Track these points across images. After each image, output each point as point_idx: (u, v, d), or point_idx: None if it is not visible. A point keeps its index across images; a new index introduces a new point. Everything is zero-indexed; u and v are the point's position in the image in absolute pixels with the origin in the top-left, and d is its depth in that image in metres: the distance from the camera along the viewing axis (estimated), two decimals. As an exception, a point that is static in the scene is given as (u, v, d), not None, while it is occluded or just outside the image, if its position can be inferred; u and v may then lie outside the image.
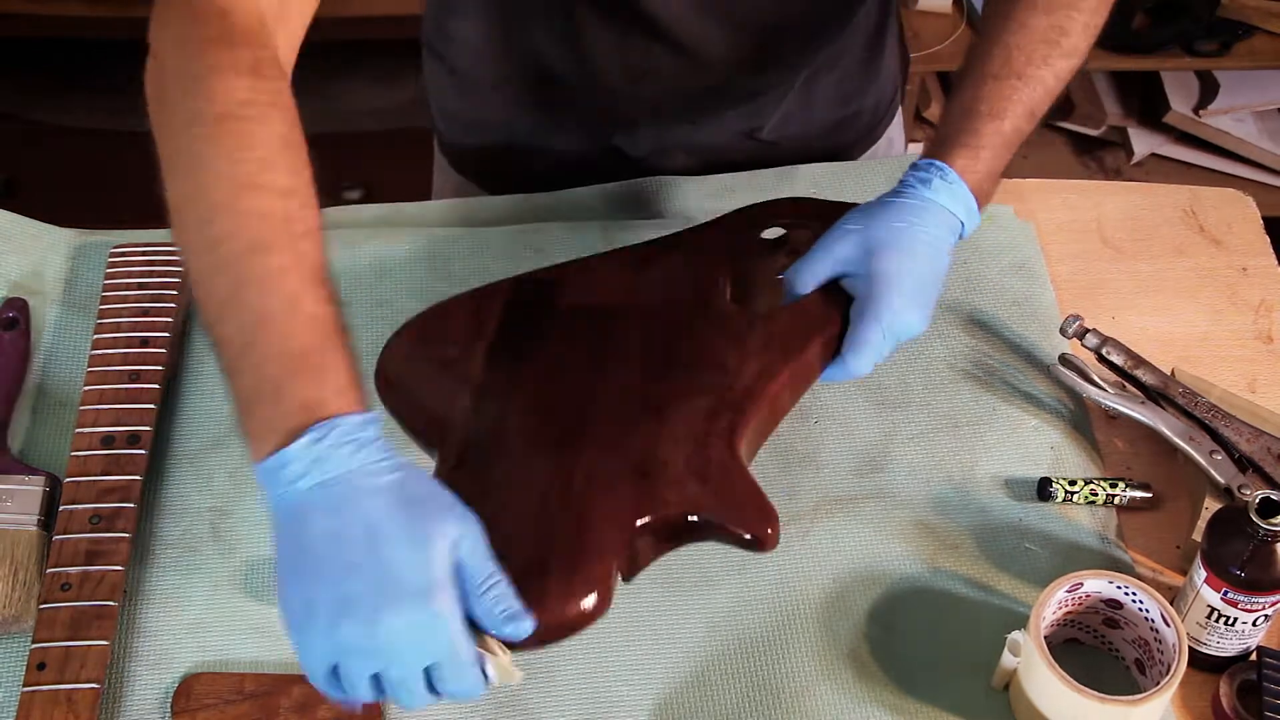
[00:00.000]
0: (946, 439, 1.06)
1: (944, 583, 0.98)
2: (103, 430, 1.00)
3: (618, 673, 0.93)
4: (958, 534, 1.01)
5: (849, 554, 1.00)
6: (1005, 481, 1.04)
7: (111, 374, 1.03)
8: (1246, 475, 1.00)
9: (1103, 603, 0.92)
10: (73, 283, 1.12)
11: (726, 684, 0.93)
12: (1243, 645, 0.93)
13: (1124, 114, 2.35)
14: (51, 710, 0.86)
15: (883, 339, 0.94)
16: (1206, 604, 0.91)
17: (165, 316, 1.06)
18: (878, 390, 1.08)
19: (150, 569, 0.97)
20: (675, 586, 0.97)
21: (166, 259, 1.10)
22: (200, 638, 0.94)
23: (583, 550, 0.81)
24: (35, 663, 0.88)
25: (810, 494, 1.02)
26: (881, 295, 0.93)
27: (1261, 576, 0.88)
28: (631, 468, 0.85)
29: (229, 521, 1.00)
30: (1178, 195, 1.25)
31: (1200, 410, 1.03)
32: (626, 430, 0.88)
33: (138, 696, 0.91)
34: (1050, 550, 1.00)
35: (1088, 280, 1.17)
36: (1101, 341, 1.06)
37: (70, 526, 0.95)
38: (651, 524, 0.83)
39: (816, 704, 0.92)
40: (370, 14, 2.02)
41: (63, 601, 0.91)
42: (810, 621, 0.96)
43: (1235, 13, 2.13)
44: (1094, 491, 1.02)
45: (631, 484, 0.84)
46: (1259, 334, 1.14)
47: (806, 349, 0.94)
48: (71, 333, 1.09)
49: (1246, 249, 1.20)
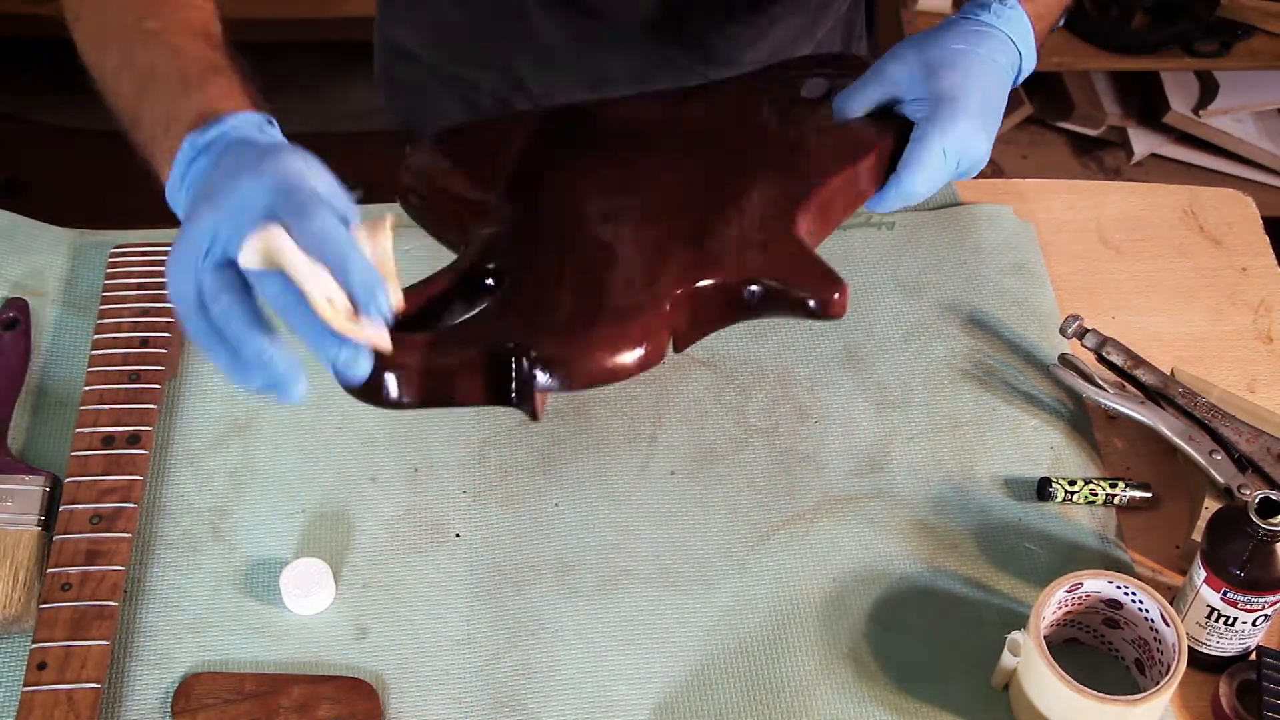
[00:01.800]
0: (946, 439, 1.06)
1: (944, 582, 0.98)
2: (103, 430, 1.00)
3: (617, 672, 0.93)
4: (957, 534, 1.01)
5: (849, 554, 1.00)
6: (1005, 481, 1.04)
7: (112, 374, 1.03)
8: (1246, 475, 1.00)
9: (1102, 603, 0.92)
10: (73, 283, 1.12)
11: (726, 683, 0.93)
12: (1242, 645, 0.93)
13: (1124, 114, 2.35)
14: (52, 710, 0.86)
15: (944, 159, 0.90)
16: (1206, 604, 0.91)
17: (165, 316, 1.06)
18: (877, 390, 1.08)
19: (150, 569, 0.97)
20: (675, 586, 0.97)
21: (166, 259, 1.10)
22: (200, 637, 0.94)
23: (636, 303, 0.77)
24: (36, 662, 0.88)
25: (810, 494, 1.03)
26: (945, 114, 0.89)
27: (1261, 576, 0.88)
28: (687, 235, 0.82)
29: (229, 521, 1.00)
30: (1177, 195, 1.25)
31: (1200, 410, 1.03)
32: (678, 207, 0.84)
33: (138, 696, 0.91)
34: (1050, 550, 1.00)
35: (1087, 280, 1.18)
36: (1101, 341, 1.06)
37: (71, 526, 0.95)
38: (709, 289, 0.80)
39: (816, 703, 0.92)
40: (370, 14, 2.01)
41: (63, 601, 0.91)
42: (810, 621, 0.96)
43: (1235, 13, 2.13)
44: (1094, 491, 1.02)
45: (687, 250, 0.81)
46: (1258, 334, 1.14)
47: (860, 161, 0.90)
48: (72, 333, 1.09)
49: (1246, 249, 1.20)
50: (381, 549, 0.99)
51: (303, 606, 0.95)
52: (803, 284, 0.80)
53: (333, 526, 1.00)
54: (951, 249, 1.17)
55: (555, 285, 0.78)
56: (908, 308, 1.13)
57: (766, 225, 0.84)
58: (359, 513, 1.01)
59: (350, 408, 1.06)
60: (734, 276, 0.80)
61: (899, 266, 1.15)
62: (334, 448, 1.04)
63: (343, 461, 1.03)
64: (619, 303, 0.77)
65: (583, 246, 0.82)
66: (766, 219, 0.84)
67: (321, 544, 0.99)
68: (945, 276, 1.15)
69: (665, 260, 0.80)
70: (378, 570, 0.98)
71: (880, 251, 1.16)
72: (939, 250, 1.17)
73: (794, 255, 0.82)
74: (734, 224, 0.83)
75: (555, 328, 0.75)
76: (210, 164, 0.76)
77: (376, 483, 1.02)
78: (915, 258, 1.16)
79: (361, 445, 1.04)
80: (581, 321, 0.75)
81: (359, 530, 1.00)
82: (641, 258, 0.80)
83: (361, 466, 1.03)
